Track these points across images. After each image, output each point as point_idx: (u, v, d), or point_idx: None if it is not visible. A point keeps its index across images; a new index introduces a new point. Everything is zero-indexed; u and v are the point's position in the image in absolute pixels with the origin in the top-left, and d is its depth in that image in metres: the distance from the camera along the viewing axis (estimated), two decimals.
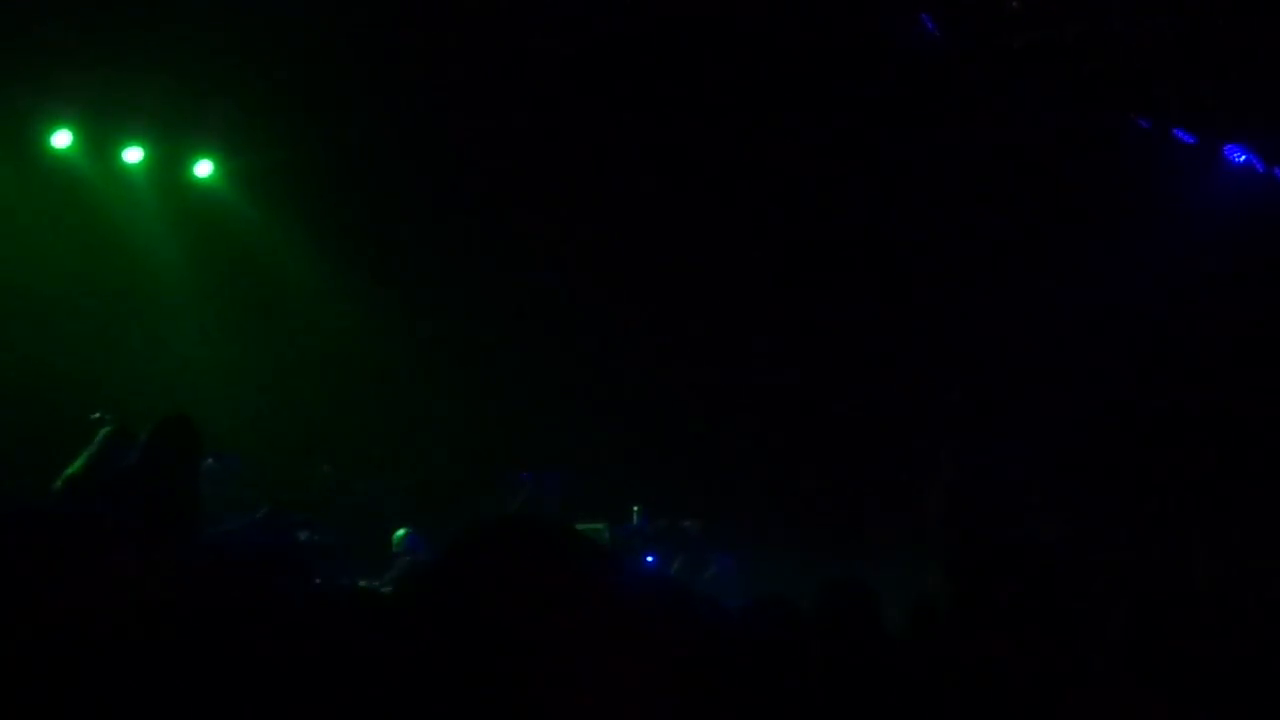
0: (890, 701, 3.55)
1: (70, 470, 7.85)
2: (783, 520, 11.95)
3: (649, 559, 10.73)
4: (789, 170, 12.23)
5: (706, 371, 12.98)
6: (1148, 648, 2.55)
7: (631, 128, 12.12)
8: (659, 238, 12.77)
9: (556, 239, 12.74)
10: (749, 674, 3.58)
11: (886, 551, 9.59)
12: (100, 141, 12.28)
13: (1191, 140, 11.69)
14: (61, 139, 12.02)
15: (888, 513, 10.34)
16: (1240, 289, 11.24)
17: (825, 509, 12.14)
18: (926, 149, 11.64)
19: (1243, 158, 11.77)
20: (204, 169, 12.88)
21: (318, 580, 9.47)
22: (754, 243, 12.76)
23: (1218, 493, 10.31)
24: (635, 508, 11.49)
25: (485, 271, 12.90)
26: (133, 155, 12.45)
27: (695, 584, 10.86)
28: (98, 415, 9.60)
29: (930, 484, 9.56)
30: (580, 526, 9.31)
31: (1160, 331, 11.34)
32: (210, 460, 8.92)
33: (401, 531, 10.48)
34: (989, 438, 10.07)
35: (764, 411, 12.98)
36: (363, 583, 9.79)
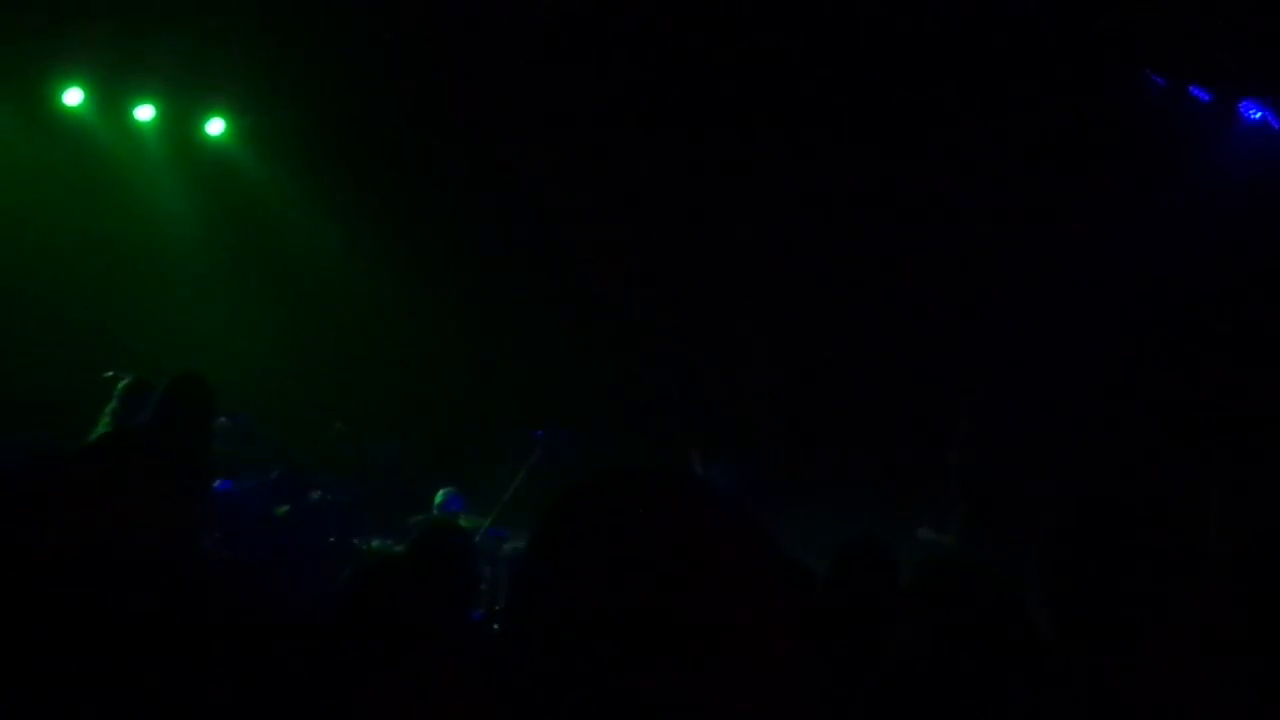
0: (904, 662, 3.55)
1: (100, 430, 7.87)
2: (798, 477, 11.92)
3: None
4: (794, 121, 12.14)
5: (721, 327, 12.94)
6: (1157, 605, 2.53)
7: (645, 83, 12.04)
8: (675, 192, 12.71)
9: (572, 198, 12.70)
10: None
11: (907, 507, 9.63)
12: (112, 99, 12.27)
13: (1207, 97, 11.61)
14: (73, 96, 12.01)
15: (911, 468, 10.35)
16: (1254, 247, 11.17)
17: (846, 466, 12.11)
18: (939, 104, 11.58)
19: (1258, 114, 11.68)
20: (216, 127, 12.86)
21: (332, 539, 9.57)
22: (769, 202, 12.69)
23: (1234, 452, 10.28)
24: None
25: (499, 231, 12.88)
26: (144, 113, 12.44)
27: None
28: (110, 373, 9.64)
29: (951, 440, 9.58)
30: None
31: (1176, 288, 11.28)
32: (223, 419, 8.94)
33: (442, 493, 10.52)
34: (1009, 396, 10.06)
35: (781, 366, 12.94)
36: (376, 542, 9.83)
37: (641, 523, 1.60)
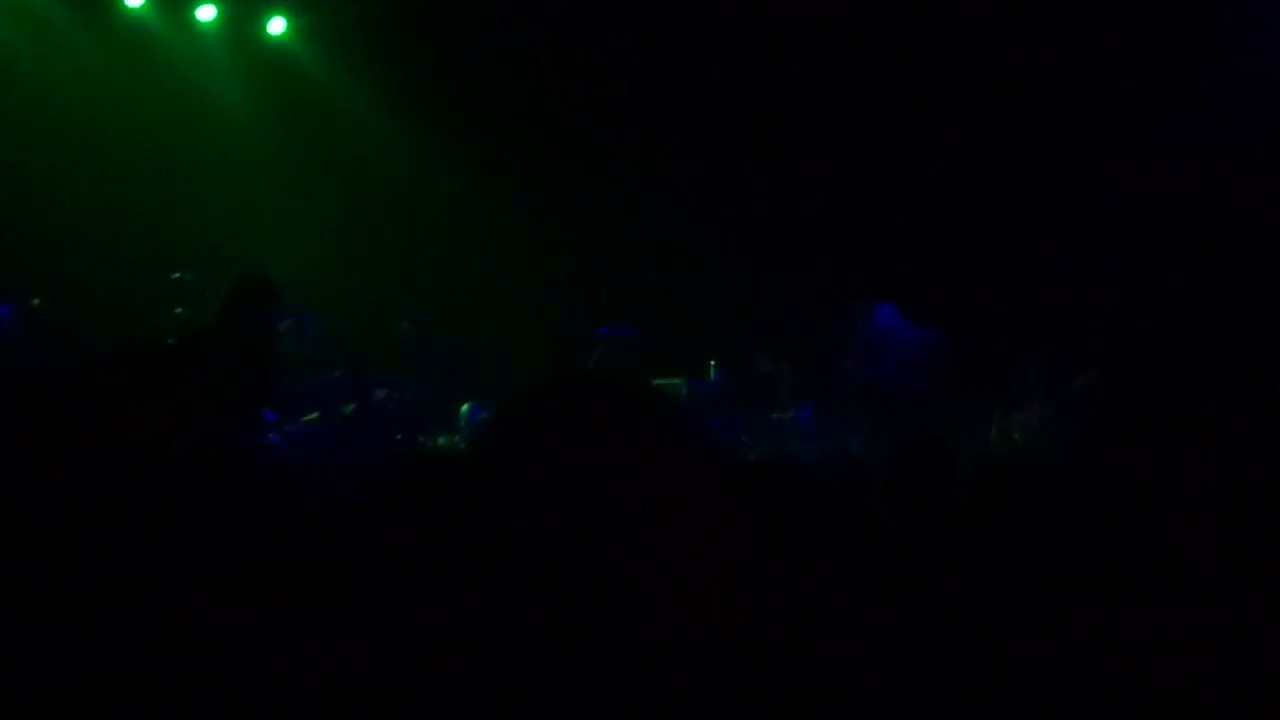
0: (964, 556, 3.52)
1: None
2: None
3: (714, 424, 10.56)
4: (796, 33, 11.86)
5: (782, 226, 12.75)
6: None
7: None
8: (730, 96, 12.53)
9: (632, 96, 12.55)
10: (819, 531, 3.56)
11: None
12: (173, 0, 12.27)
13: None
14: None
15: None
16: None
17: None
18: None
19: None
20: (277, 26, 12.82)
21: (398, 436, 9.64)
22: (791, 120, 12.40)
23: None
24: (712, 362, 11.49)
25: (562, 129, 12.76)
26: (206, 13, 12.41)
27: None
28: (178, 275, 9.72)
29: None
30: (657, 382, 9.34)
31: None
32: (288, 319, 8.99)
33: (467, 406, 10.55)
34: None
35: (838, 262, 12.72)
36: (442, 439, 9.91)
37: (584, 425, 1.68)
